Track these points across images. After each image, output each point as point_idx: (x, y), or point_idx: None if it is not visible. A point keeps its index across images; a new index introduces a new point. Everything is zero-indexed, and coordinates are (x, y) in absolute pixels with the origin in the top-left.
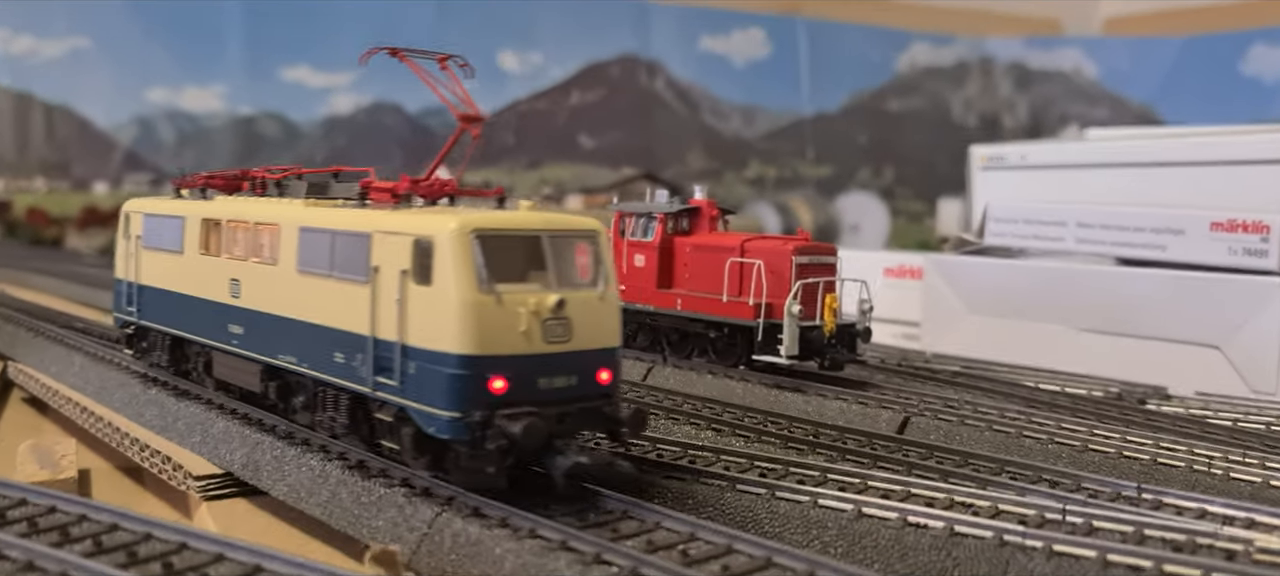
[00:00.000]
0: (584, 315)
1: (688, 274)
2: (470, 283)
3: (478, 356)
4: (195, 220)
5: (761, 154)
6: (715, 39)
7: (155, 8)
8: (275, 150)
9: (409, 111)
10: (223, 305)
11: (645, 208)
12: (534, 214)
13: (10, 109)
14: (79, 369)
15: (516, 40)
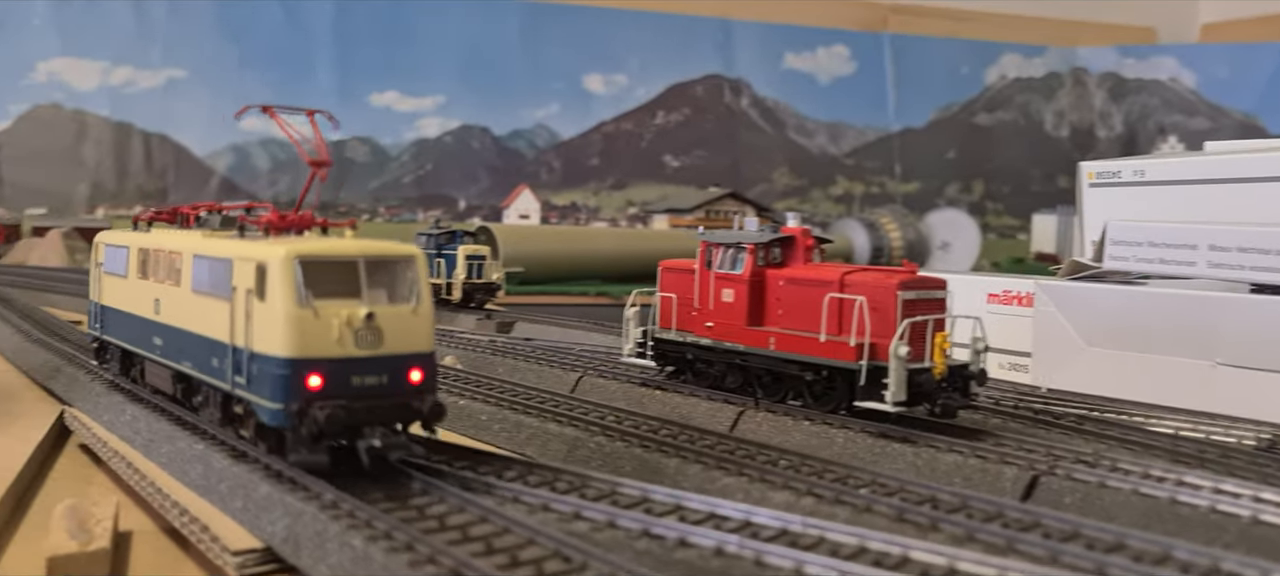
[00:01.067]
0: (395, 326)
1: (781, 310)
2: (291, 298)
3: (296, 359)
4: (135, 249)
5: (848, 171)
6: (799, 56)
7: (249, 38)
8: (365, 175)
9: (496, 134)
10: (149, 320)
11: (734, 237)
12: (356, 242)
13: (110, 138)
14: (130, 419)
15: (602, 62)
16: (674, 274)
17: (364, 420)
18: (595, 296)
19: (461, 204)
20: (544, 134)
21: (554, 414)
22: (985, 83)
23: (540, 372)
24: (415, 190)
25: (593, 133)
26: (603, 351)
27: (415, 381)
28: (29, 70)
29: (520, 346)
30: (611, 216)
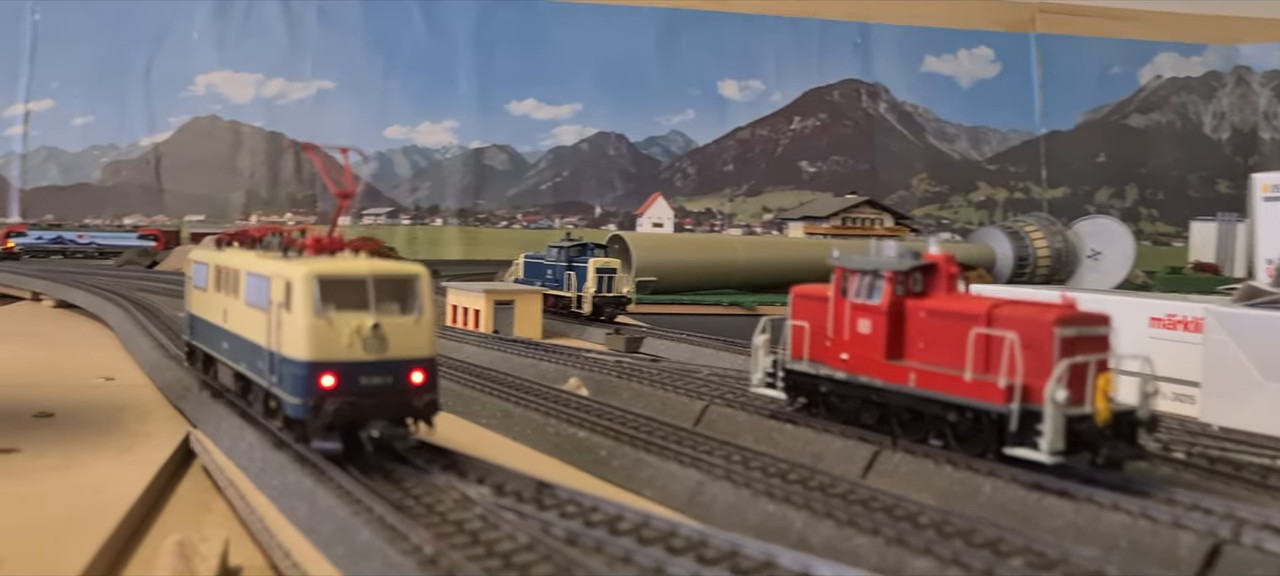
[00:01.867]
0: (399, 334)
1: (922, 343)
2: (310, 310)
3: (313, 361)
4: (212, 266)
5: (990, 176)
6: (940, 59)
7: (394, 48)
8: (503, 182)
9: (631, 141)
10: (220, 327)
11: (871, 263)
12: (368, 263)
13: (263, 148)
14: (247, 447)
15: (738, 68)
16: (806, 301)
17: (368, 414)
18: (728, 307)
19: (597, 210)
20: (679, 140)
21: (676, 451)
22: (1139, 83)
23: (665, 400)
24: (552, 197)
25: (728, 139)
26: (732, 375)
27: (416, 382)
28: (189, 83)
29: (646, 367)
30: (746, 223)
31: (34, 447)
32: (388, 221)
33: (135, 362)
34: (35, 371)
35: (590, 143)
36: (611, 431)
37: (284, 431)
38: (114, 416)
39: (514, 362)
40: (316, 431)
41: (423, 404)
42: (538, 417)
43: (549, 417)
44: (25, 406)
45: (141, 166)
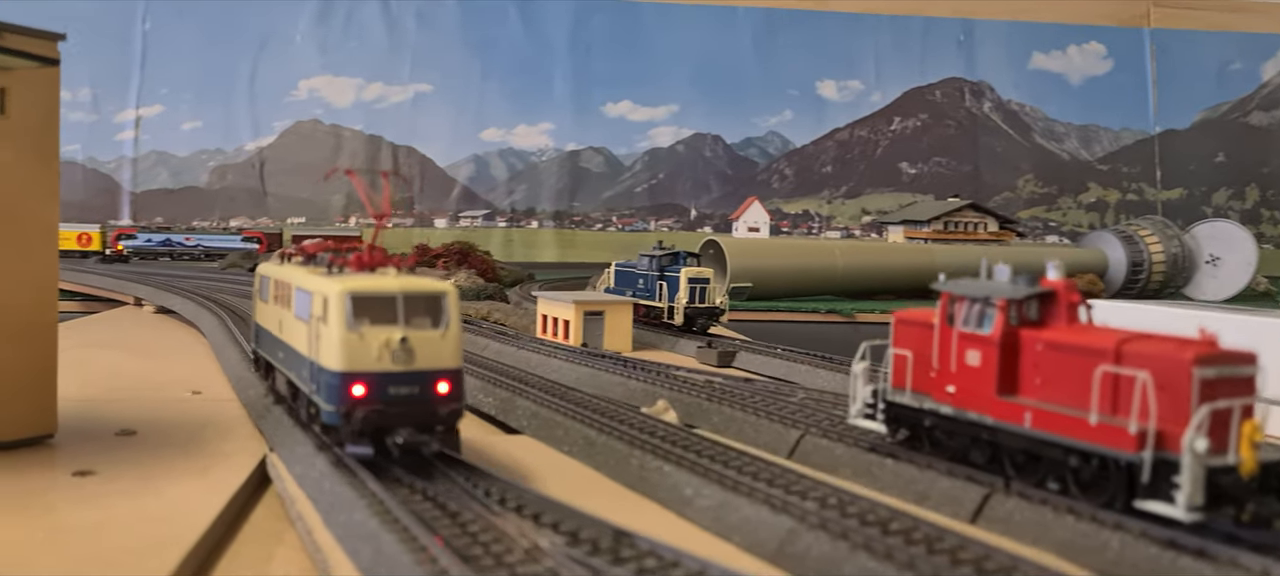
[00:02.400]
0: (425, 347)
1: (1039, 379)
2: (343, 324)
3: (345, 371)
4: (273, 279)
5: (1101, 177)
6: (1048, 56)
7: (491, 51)
8: (598, 184)
9: (729, 142)
10: (277, 338)
11: (981, 289)
12: (398, 280)
13: (363, 151)
14: (318, 476)
15: (836, 68)
16: (909, 328)
17: (395, 422)
18: (825, 314)
19: (692, 213)
20: (776, 141)
21: (767, 492)
22: (1261, 78)
23: (757, 427)
24: (647, 199)
25: (826, 140)
26: (829, 398)
27: (442, 392)
28: (292, 88)
29: (738, 389)
30: (844, 226)
31: (111, 469)
32: (484, 223)
33: (224, 375)
34: (127, 383)
35: (686, 144)
36: (698, 467)
37: (324, 435)
38: (195, 434)
39: (601, 380)
40: (348, 436)
41: (447, 412)
42: (622, 448)
43: (633, 448)
44: (110, 422)
45: (246, 170)
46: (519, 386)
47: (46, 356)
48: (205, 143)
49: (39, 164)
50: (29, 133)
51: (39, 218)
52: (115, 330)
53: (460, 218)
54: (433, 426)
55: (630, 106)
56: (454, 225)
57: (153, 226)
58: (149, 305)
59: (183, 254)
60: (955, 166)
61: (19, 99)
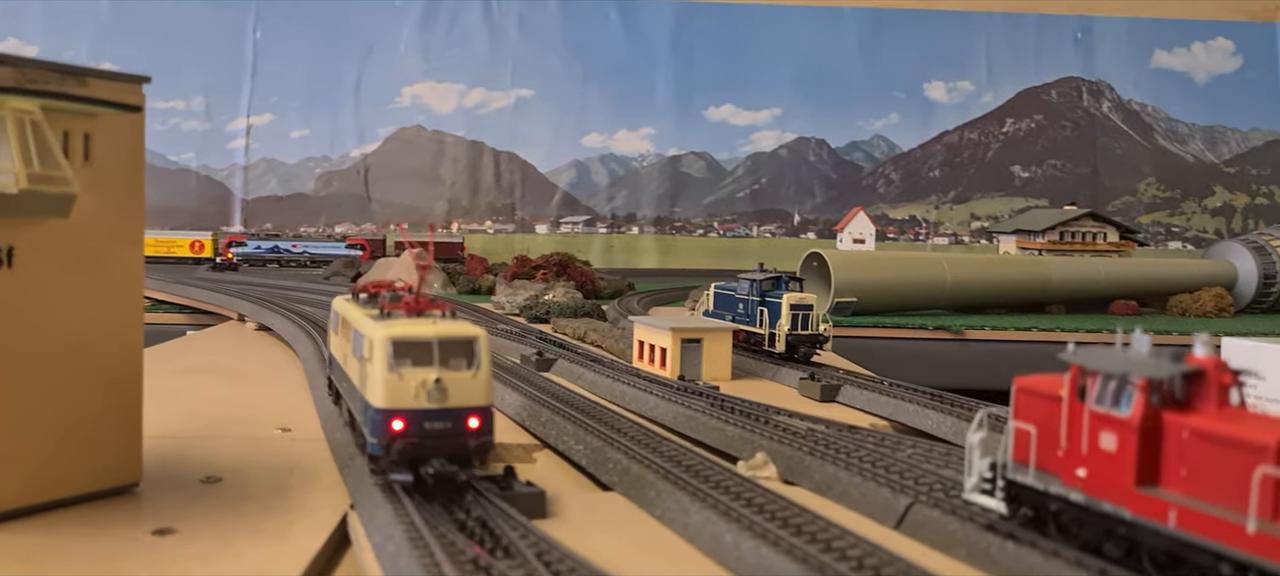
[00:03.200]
0: (458, 386)
1: (1185, 471)
2: (385, 366)
3: (386, 409)
4: (340, 316)
5: (1228, 180)
6: (1172, 54)
7: (592, 55)
8: (700, 189)
9: (834, 146)
10: (342, 369)
11: (1117, 363)
12: (435, 326)
13: (465, 157)
14: (395, 550)
15: (946, 68)
16: (1033, 399)
17: (430, 453)
18: (933, 331)
19: (795, 218)
20: (882, 145)
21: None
22: None
23: (862, 490)
24: (750, 205)
25: (934, 143)
26: (939, 453)
27: (473, 427)
28: (395, 95)
29: (842, 442)
30: (953, 232)
31: (191, 525)
32: (585, 230)
33: (315, 408)
34: (219, 415)
35: (789, 148)
36: (798, 550)
37: (368, 463)
38: (279, 484)
39: (698, 423)
40: (388, 466)
41: (477, 445)
42: (717, 520)
43: (728, 521)
44: (197, 466)
45: (351, 176)
46: (611, 434)
47: (132, 405)
48: (312, 150)
49: (124, 210)
50: (114, 178)
51: (124, 263)
52: (215, 351)
53: (561, 223)
54: (464, 458)
55: (732, 110)
56: (554, 231)
57: (261, 233)
58: (251, 322)
59: (290, 261)
60: (1071, 170)
61: (103, 144)
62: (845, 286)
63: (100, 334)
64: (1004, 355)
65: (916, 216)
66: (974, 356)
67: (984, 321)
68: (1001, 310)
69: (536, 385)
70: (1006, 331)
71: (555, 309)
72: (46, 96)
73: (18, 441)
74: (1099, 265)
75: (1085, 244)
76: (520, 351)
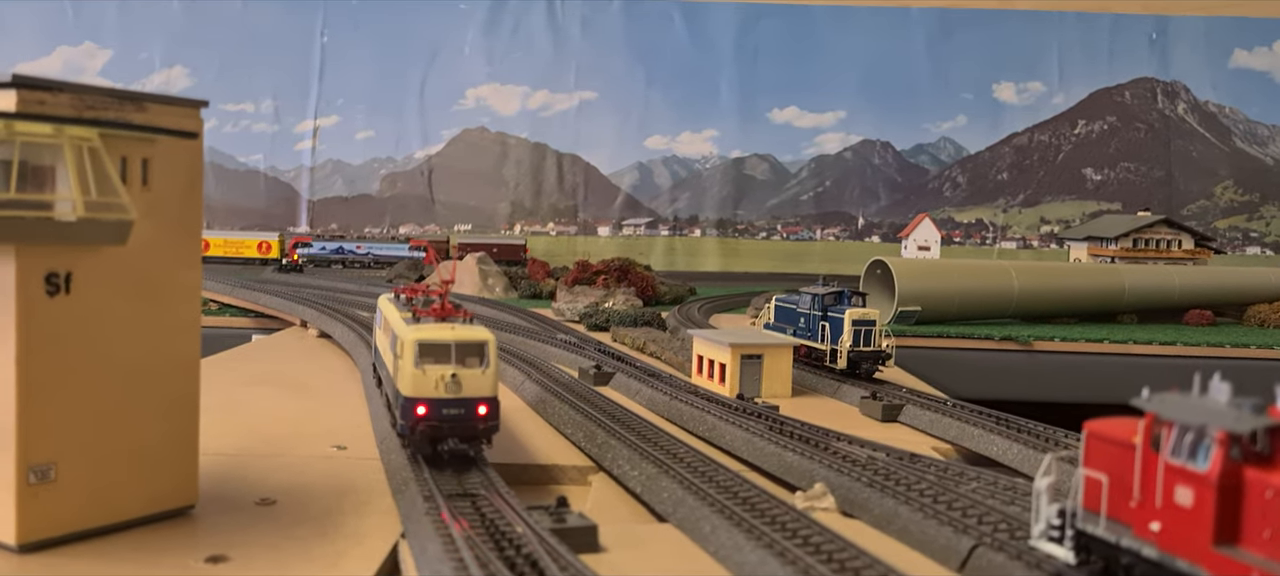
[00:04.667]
0: (470, 380)
1: (1268, 532)
2: (412, 362)
3: (411, 397)
4: (383, 313)
5: None
6: (1252, 53)
7: (655, 58)
8: (763, 192)
9: (899, 148)
10: (383, 362)
11: (1195, 413)
12: (453, 330)
13: (529, 159)
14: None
15: (1015, 70)
16: (1105, 446)
17: (446, 434)
18: (1000, 342)
19: (860, 221)
20: (949, 148)
21: None
22: None
23: (923, 528)
24: (813, 208)
25: (1002, 145)
26: (1004, 487)
27: (482, 414)
28: (459, 97)
29: (903, 470)
30: (1021, 236)
31: (245, 552)
32: (647, 232)
33: (371, 424)
34: (276, 431)
35: (854, 151)
36: None
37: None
38: (333, 507)
39: (756, 448)
40: (413, 443)
41: (485, 428)
42: (772, 561)
43: (785, 564)
44: (252, 487)
45: (415, 178)
46: (666, 460)
47: (189, 428)
48: (377, 151)
49: (182, 233)
50: (172, 202)
51: (182, 286)
52: (277, 360)
53: (623, 226)
54: (474, 438)
55: (796, 113)
56: (617, 233)
57: (326, 235)
58: (313, 328)
59: (354, 262)
60: (1145, 173)
61: (162, 168)
62: (909, 295)
63: (158, 357)
64: (1074, 368)
65: (983, 220)
66: (1042, 369)
67: (1053, 332)
68: (1071, 320)
69: (593, 403)
70: (1077, 343)
71: (614, 317)
72: (105, 126)
73: (75, 466)
74: (1173, 273)
75: (1159, 252)
76: (578, 365)
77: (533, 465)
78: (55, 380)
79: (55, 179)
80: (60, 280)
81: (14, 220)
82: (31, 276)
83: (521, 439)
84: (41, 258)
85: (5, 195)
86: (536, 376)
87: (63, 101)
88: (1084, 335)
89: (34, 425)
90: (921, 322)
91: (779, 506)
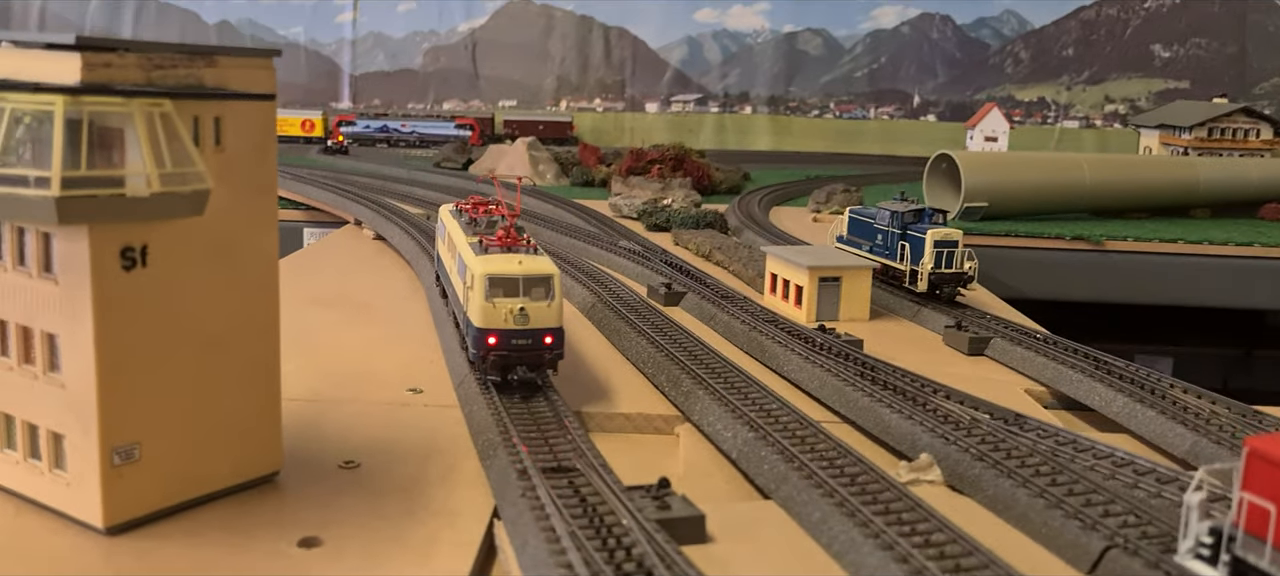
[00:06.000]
0: (537, 312)
1: None
2: (483, 295)
3: (483, 327)
4: (446, 226)
5: None
6: None
7: None
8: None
9: (959, 22)
10: (447, 275)
11: None
12: (520, 264)
13: (574, 32)
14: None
15: None
16: (1273, 470)
17: (515, 363)
18: (1070, 240)
19: (915, 99)
20: (1012, 21)
21: None
22: None
23: (1046, 518)
24: (867, 85)
25: (1069, 19)
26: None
27: (548, 343)
28: None
29: (1015, 440)
30: (1084, 115)
31: (335, 534)
32: (696, 109)
33: (443, 361)
34: (348, 368)
35: (912, 25)
36: None
37: (469, 365)
38: (419, 475)
39: (847, 399)
40: (485, 370)
41: (551, 357)
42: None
43: (892, 559)
44: (332, 444)
45: (458, 52)
46: (762, 424)
47: (271, 394)
48: (419, 24)
49: (258, 194)
50: (246, 162)
51: (259, 249)
52: (335, 273)
53: (671, 102)
54: (541, 366)
55: None
56: (665, 110)
57: (370, 112)
58: (368, 230)
59: (399, 141)
60: (1217, 49)
61: (235, 126)
62: (976, 190)
63: (237, 324)
64: (1148, 267)
65: (1045, 98)
66: (1114, 269)
67: (1125, 230)
68: (1142, 214)
69: (668, 334)
70: (1150, 242)
71: (676, 218)
72: (177, 96)
73: (159, 443)
74: (1250, 166)
75: (1236, 142)
76: (645, 281)
77: (617, 414)
78: (135, 357)
79: (124, 142)
80: (135, 254)
81: (87, 199)
82: (106, 252)
83: (600, 377)
84: (115, 232)
85: (76, 172)
86: (606, 298)
87: (130, 62)
88: (1157, 233)
89: (116, 406)
90: (988, 219)
91: (889, 489)
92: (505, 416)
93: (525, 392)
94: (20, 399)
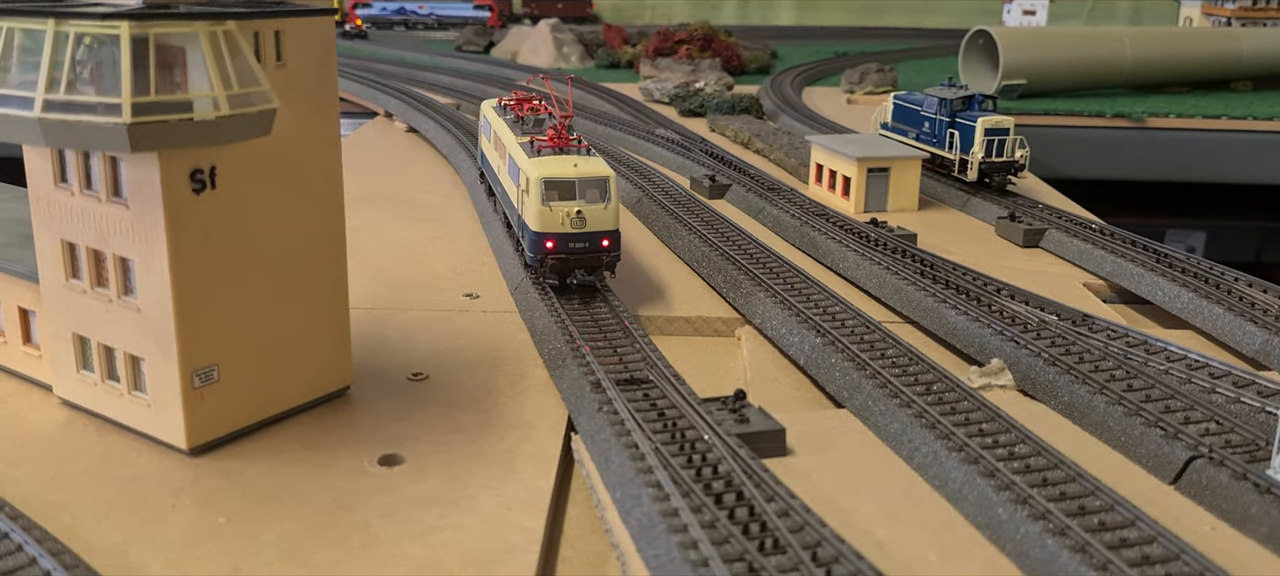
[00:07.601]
0: (594, 215)
1: None
2: (539, 199)
3: (540, 232)
4: (494, 126)
5: None
6: None
7: None
8: None
9: None
10: (497, 177)
11: None
12: (576, 167)
13: None
14: (626, 490)
15: None
16: None
17: (574, 266)
18: (1111, 118)
19: None
20: None
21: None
22: None
23: (1125, 427)
24: None
25: None
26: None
27: (605, 245)
28: None
29: (1086, 344)
30: None
31: (414, 452)
32: None
33: (495, 262)
34: (404, 273)
35: None
36: (1045, 515)
37: (525, 266)
38: (490, 384)
39: (910, 299)
40: (543, 274)
41: (609, 259)
42: (980, 482)
43: (977, 474)
44: (399, 354)
45: None
46: (829, 329)
47: (340, 309)
48: None
49: (320, 108)
50: (307, 77)
51: (323, 167)
52: (375, 170)
53: None
54: (599, 268)
55: None
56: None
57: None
58: (399, 122)
59: (417, 23)
60: None
61: (294, 41)
62: (1014, 67)
63: (306, 242)
64: (1190, 144)
65: None
66: (1156, 147)
67: (1166, 106)
68: (1183, 87)
69: (719, 231)
70: (1192, 119)
71: (710, 104)
72: (240, 17)
73: (236, 363)
74: None
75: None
76: (687, 172)
77: (677, 317)
78: (210, 280)
79: (185, 61)
80: (205, 176)
81: (158, 126)
82: (177, 176)
83: (654, 279)
84: (185, 156)
85: (145, 99)
86: (652, 193)
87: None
88: (1199, 110)
89: (194, 329)
90: (1027, 96)
91: (966, 399)
92: (569, 324)
93: (583, 296)
94: (95, 322)
